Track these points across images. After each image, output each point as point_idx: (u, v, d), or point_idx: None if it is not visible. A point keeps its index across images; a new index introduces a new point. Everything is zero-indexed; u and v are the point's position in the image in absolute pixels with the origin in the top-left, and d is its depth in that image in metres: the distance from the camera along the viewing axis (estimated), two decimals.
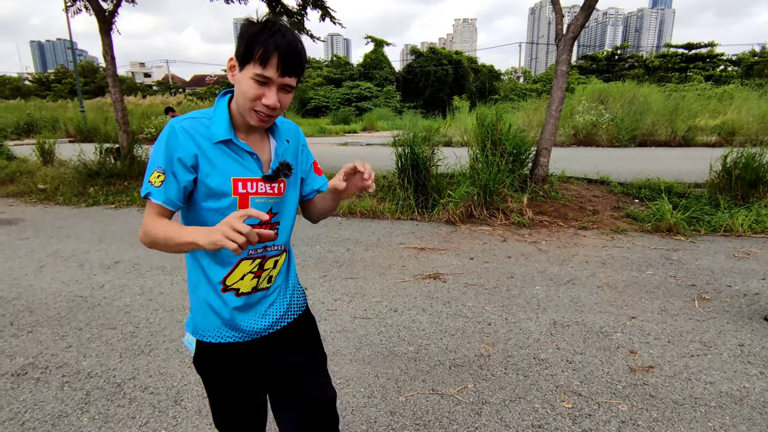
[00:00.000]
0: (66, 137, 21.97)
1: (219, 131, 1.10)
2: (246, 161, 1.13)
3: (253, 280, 1.19)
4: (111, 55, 8.65)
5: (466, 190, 5.55)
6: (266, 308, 1.24)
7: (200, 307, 1.20)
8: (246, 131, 1.16)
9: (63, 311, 3.22)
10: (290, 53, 1.03)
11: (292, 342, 1.30)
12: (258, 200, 1.14)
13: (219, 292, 1.17)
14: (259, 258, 1.18)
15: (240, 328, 1.20)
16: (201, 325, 1.21)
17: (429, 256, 4.30)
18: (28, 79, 60.27)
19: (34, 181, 8.40)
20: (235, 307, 1.18)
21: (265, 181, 1.15)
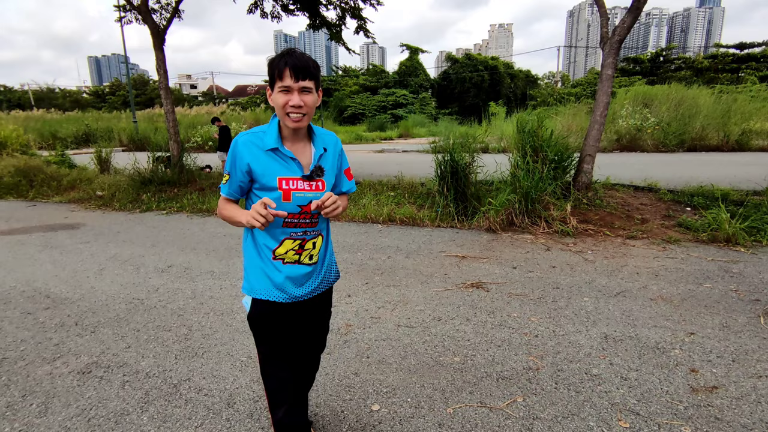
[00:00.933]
0: (119, 146, 23.28)
1: (269, 142, 1.48)
2: (289, 164, 1.50)
3: (295, 255, 1.56)
4: (164, 69, 9.12)
5: (507, 198, 5.46)
6: (305, 281, 1.61)
7: (256, 273, 1.58)
8: (291, 141, 1.53)
9: (122, 313, 3.40)
10: (298, 64, 1.40)
11: (317, 307, 1.72)
12: (298, 194, 1.49)
13: (271, 260, 1.55)
14: (299, 239, 1.55)
15: (285, 291, 1.57)
16: (256, 286, 1.58)
17: (470, 264, 4.25)
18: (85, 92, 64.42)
19: (93, 188, 8.94)
20: (284, 275, 1.55)
21: (305, 180, 1.50)
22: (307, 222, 1.54)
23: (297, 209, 1.50)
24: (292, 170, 1.50)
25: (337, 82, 49.06)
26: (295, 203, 1.50)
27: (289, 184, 1.48)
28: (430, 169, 7.81)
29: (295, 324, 1.67)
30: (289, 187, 1.48)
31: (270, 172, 1.47)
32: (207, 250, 5.01)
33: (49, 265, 4.61)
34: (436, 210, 6.35)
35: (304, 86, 1.42)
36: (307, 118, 1.48)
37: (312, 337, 1.79)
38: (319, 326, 1.81)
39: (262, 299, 1.57)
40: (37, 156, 12.07)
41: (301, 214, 1.52)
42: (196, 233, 5.80)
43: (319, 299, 1.71)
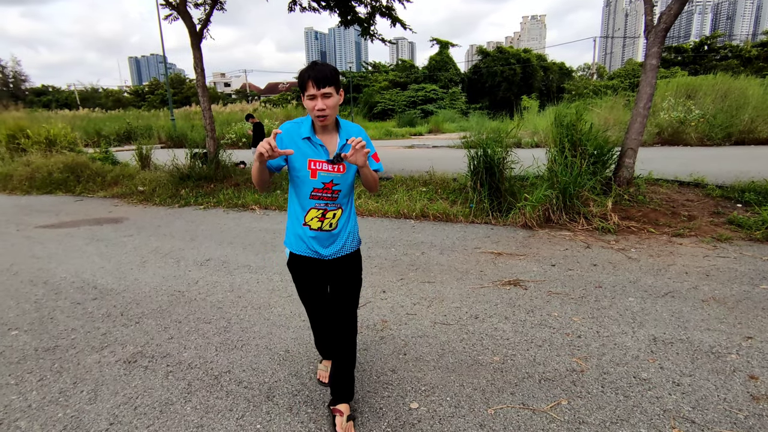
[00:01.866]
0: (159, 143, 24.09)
1: (304, 132, 1.88)
2: (318, 150, 1.89)
3: (318, 222, 1.94)
4: (201, 67, 9.35)
5: (544, 194, 5.30)
6: (328, 243, 1.99)
7: (293, 233, 2.01)
8: (322, 132, 1.92)
9: (164, 305, 3.50)
10: (318, 75, 1.75)
11: (343, 268, 2.06)
12: (322, 174, 1.88)
13: (301, 226, 1.96)
14: (322, 209, 1.93)
15: (313, 250, 1.98)
16: (293, 243, 2.01)
17: (507, 261, 4.16)
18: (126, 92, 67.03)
19: (135, 184, 9.29)
20: (310, 236, 1.96)
21: (329, 163, 1.88)
22: (328, 196, 1.93)
23: (321, 185, 1.90)
24: (320, 155, 1.89)
25: (367, 78, 49.10)
26: (320, 180, 1.89)
27: (316, 165, 1.88)
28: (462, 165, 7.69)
29: (324, 277, 2.06)
30: (315, 168, 1.88)
31: (302, 153, 1.87)
32: (243, 244, 5.11)
33: (95, 257, 4.81)
34: (470, 206, 6.25)
35: (325, 92, 1.77)
36: (330, 117, 1.85)
37: (343, 293, 2.07)
38: (348, 283, 2.08)
39: (294, 253, 2.02)
40: (84, 153, 12.64)
41: (325, 189, 1.91)
42: (232, 228, 5.92)
43: (344, 260, 2.05)
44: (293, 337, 2.91)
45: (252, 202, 7.23)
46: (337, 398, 2.06)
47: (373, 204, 6.64)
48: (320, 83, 1.75)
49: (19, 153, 11.98)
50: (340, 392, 2.06)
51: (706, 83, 17.33)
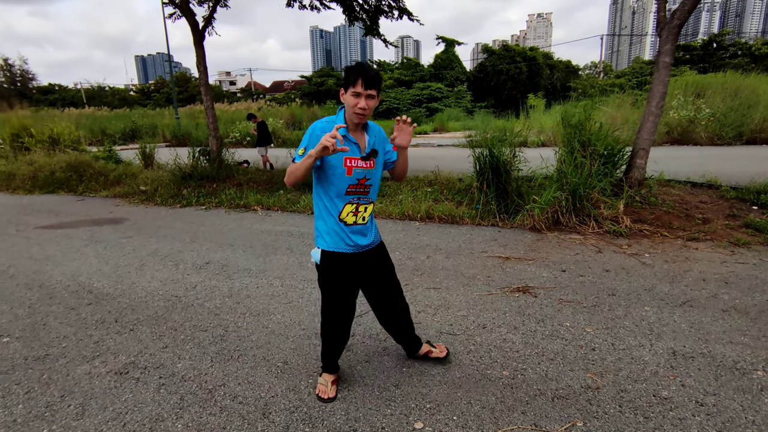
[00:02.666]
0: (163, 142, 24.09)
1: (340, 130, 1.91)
2: (352, 148, 1.98)
3: (353, 217, 2.06)
4: (203, 65, 9.25)
5: (553, 195, 5.14)
6: (363, 235, 2.12)
7: (328, 231, 2.07)
8: (353, 130, 2.02)
9: (160, 311, 3.39)
10: (369, 76, 1.89)
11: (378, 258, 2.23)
12: (357, 170, 2.00)
13: (338, 221, 2.05)
14: (355, 203, 2.06)
15: (351, 243, 2.08)
16: (329, 241, 2.07)
17: (515, 266, 4.01)
18: (132, 90, 67.21)
19: (137, 183, 9.20)
20: (348, 231, 2.07)
21: (362, 159, 2.01)
22: (361, 191, 2.06)
23: (356, 181, 2.02)
24: (354, 152, 2.00)
25: None
26: (355, 177, 2.01)
27: (351, 163, 1.99)
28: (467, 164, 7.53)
29: (358, 274, 2.18)
30: (351, 165, 1.99)
31: (339, 153, 1.90)
32: (244, 246, 4.99)
33: (93, 260, 4.71)
34: (476, 207, 6.11)
35: (370, 93, 1.92)
36: (367, 117, 1.99)
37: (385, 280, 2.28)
38: (386, 270, 2.28)
39: (330, 250, 2.08)
40: (87, 152, 12.60)
41: (359, 185, 2.04)
42: (234, 229, 5.81)
43: (376, 250, 2.22)
44: (292, 347, 2.78)
45: (254, 203, 7.12)
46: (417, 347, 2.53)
47: (377, 205, 6.51)
48: (369, 84, 1.90)
49: (22, 152, 11.95)
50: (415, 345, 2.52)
51: (716, 81, 17.03)
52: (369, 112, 1.94)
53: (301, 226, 5.84)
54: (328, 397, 2.24)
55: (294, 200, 7.08)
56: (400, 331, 2.41)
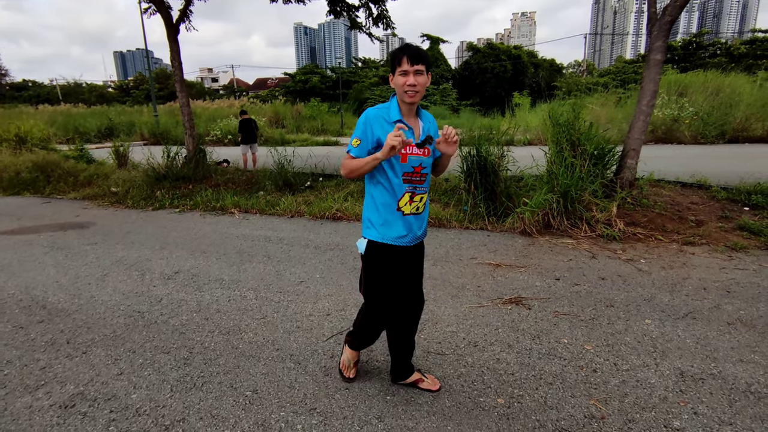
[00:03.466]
0: (141, 140, 23.39)
1: (393, 115, 1.91)
2: (407, 133, 1.88)
3: (410, 206, 1.96)
4: (178, 61, 8.84)
5: (544, 197, 4.94)
6: (419, 225, 2.03)
7: (383, 223, 1.97)
8: (407, 116, 1.93)
9: (119, 329, 3.07)
10: (413, 52, 1.81)
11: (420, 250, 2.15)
12: (413, 157, 1.90)
13: (395, 212, 1.95)
14: (411, 192, 1.94)
15: (406, 235, 1.98)
16: (383, 232, 1.97)
17: (506, 274, 3.78)
18: (111, 87, 65.46)
19: (108, 185, 8.75)
20: (407, 220, 1.97)
21: (417, 146, 1.90)
22: (417, 180, 1.96)
23: (411, 169, 1.93)
24: (409, 137, 1.91)
25: (357, 74, 48.49)
26: (410, 164, 1.92)
27: (407, 150, 1.89)
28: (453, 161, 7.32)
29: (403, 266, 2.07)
30: (407, 152, 1.90)
31: None
32: (218, 253, 4.67)
33: (52, 269, 4.34)
34: (464, 209, 5.88)
35: (417, 69, 1.82)
36: (420, 95, 1.87)
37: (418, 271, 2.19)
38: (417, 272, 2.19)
39: (382, 242, 1.99)
40: (57, 151, 12.03)
41: (414, 173, 1.94)
42: (208, 234, 5.47)
43: (420, 247, 2.16)
44: (263, 372, 2.50)
45: (231, 205, 6.78)
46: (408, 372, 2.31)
47: (360, 207, 6.22)
48: (414, 59, 1.82)
49: None
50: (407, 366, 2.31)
51: (697, 80, 17.18)
52: (420, 88, 1.84)
53: (280, 230, 5.53)
54: (349, 376, 2.36)
55: (273, 202, 6.76)
56: (404, 341, 2.25)
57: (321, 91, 45.70)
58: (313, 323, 3.04)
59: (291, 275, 3.96)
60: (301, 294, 3.55)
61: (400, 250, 2.01)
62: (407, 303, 2.17)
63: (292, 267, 4.17)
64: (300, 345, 2.77)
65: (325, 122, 27.87)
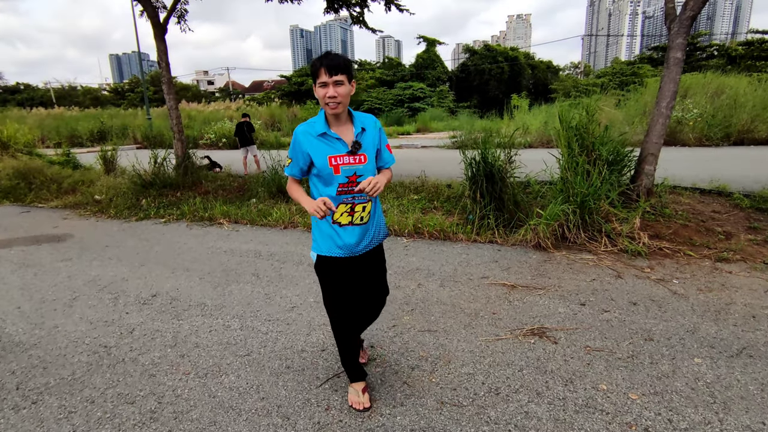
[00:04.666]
0: (134, 144, 22.90)
1: (318, 128, 1.91)
2: (335, 144, 1.91)
3: (348, 217, 1.96)
4: (165, 61, 8.41)
5: (561, 208, 4.53)
6: (361, 238, 2.01)
7: (323, 235, 2.01)
8: (336, 125, 1.94)
9: (80, 370, 2.63)
10: (330, 62, 1.80)
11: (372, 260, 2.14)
12: (345, 167, 1.90)
13: (331, 225, 1.97)
14: (350, 203, 1.95)
15: (342, 245, 1.99)
16: (322, 245, 2.02)
17: (524, 297, 3.37)
18: (105, 90, 64.80)
19: (93, 192, 8.30)
20: (342, 233, 1.98)
21: (349, 155, 1.91)
22: (354, 189, 1.89)
23: (345, 179, 1.89)
24: (338, 149, 1.89)
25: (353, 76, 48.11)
26: (344, 174, 1.88)
27: (337, 160, 1.87)
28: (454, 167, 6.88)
29: (354, 274, 2.07)
30: (337, 163, 1.87)
31: (321, 152, 1.88)
32: (202, 272, 4.24)
33: (16, 292, 3.90)
34: (468, 218, 5.48)
35: (336, 80, 1.80)
36: (342, 105, 1.85)
37: (373, 284, 2.18)
38: (376, 274, 2.18)
39: (325, 255, 1.99)
40: (42, 156, 11.54)
41: (349, 183, 1.89)
42: (193, 248, 5.03)
43: (373, 253, 2.12)
44: (246, 429, 2.07)
45: (220, 215, 6.34)
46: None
47: None
48: (332, 71, 1.79)
49: None
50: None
51: (697, 82, 16.92)
52: (342, 99, 1.83)
53: (272, 243, 5.10)
54: (363, 407, 2.16)
55: (266, 212, 6.33)
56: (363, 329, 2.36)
57: None
58: (305, 362, 2.62)
59: (282, 299, 3.53)
60: (292, 323, 3.12)
61: (347, 261, 2.03)
62: (370, 304, 2.22)
63: (284, 288, 3.74)
64: (289, 392, 2.34)
65: None
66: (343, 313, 2.07)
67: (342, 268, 2.02)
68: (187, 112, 33.68)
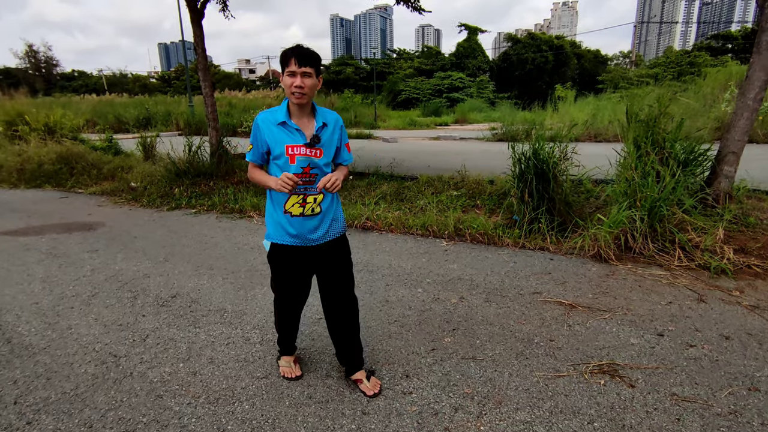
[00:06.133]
0: (176, 130, 23.35)
1: (279, 117, 1.95)
2: (294, 134, 1.95)
3: (300, 208, 1.99)
4: (201, 47, 8.23)
5: (627, 213, 3.96)
6: (313, 228, 2.04)
7: (274, 222, 2.06)
8: (298, 117, 1.98)
9: (84, 384, 2.38)
10: (300, 53, 1.86)
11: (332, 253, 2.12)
12: (300, 158, 1.94)
13: (282, 214, 2.01)
14: (301, 195, 1.98)
15: (294, 234, 2.02)
16: (272, 233, 2.07)
17: (586, 321, 2.88)
18: (153, 77, 67.13)
19: (129, 179, 8.30)
20: (292, 223, 2.00)
21: (307, 147, 1.95)
22: (306, 180, 1.96)
23: (300, 170, 1.95)
24: (296, 139, 1.94)
25: (391, 65, 47.46)
26: (299, 165, 1.94)
27: (294, 150, 1.93)
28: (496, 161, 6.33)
29: (310, 265, 2.14)
30: (293, 153, 1.93)
31: (279, 140, 1.93)
32: (226, 271, 3.97)
33: (38, 285, 3.75)
34: (514, 218, 4.98)
35: (305, 71, 1.86)
36: (307, 97, 1.91)
37: (337, 276, 2.17)
38: (339, 265, 2.16)
39: (277, 243, 2.07)
40: (86, 141, 11.77)
41: (303, 174, 1.95)
42: (220, 243, 4.79)
43: (332, 244, 2.12)
44: None
45: (250, 208, 6.09)
46: (353, 368, 2.25)
47: (393, 214, 5.40)
48: (302, 61, 1.84)
49: (16, 141, 11.17)
50: (353, 363, 2.25)
51: None
52: (308, 91, 1.88)
53: None
54: (294, 375, 2.33)
55: None
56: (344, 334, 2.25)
57: (355, 83, 45.04)
58: (330, 392, 2.26)
59: (307, 308, 3.19)
60: (317, 339, 2.78)
61: (301, 251, 2.06)
62: (335, 302, 2.20)
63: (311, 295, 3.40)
64: (309, 430, 1.99)
65: (358, 114, 27.18)
66: (288, 299, 2.22)
67: (294, 257, 2.07)
68: (228, 99, 34.19)
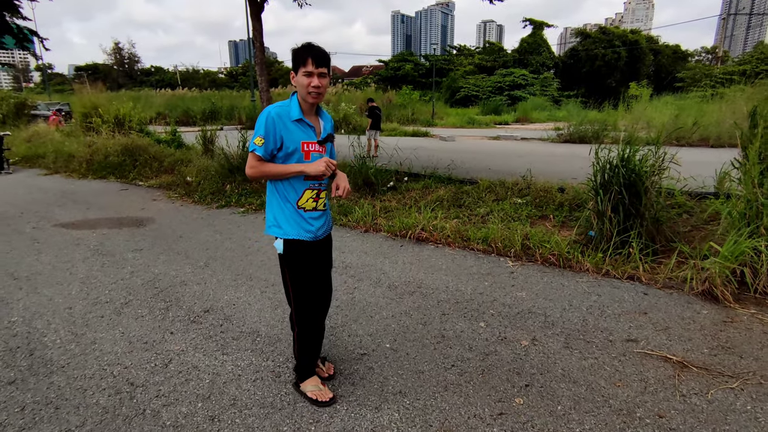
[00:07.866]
0: (239, 124, 24.00)
1: (294, 114, 1.94)
2: (308, 131, 1.98)
3: (313, 203, 2.02)
4: (260, 41, 8.10)
5: (751, 243, 3.16)
6: (322, 221, 2.08)
7: (288, 219, 2.01)
8: (308, 114, 2.00)
9: (91, 420, 2.08)
10: (318, 54, 1.87)
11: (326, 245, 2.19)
12: (315, 154, 1.98)
13: (296, 209, 2.00)
14: (316, 189, 2.02)
15: (310, 231, 2.02)
16: (289, 230, 2.00)
17: (707, 391, 2.20)
18: (222, 73, 70.49)
19: (186, 173, 8.33)
20: (309, 218, 2.02)
21: (318, 144, 2.01)
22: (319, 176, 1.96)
23: None
24: (310, 136, 1.98)
25: (451, 62, 46.33)
26: (313, 161, 1.95)
27: (309, 147, 1.97)
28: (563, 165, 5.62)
29: (318, 258, 2.11)
30: (309, 149, 1.97)
31: (295, 137, 1.94)
32: (266, 282, 3.63)
33: (75, 287, 3.61)
34: (590, 234, 4.28)
35: (321, 71, 1.89)
36: (322, 96, 1.95)
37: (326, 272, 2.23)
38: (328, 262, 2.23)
39: (295, 239, 2.01)
40: (152, 134, 12.16)
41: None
42: (263, 248, 4.49)
43: (328, 238, 2.19)
44: None
45: None
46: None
47: (451, 223, 4.84)
48: (319, 62, 1.87)
49: (90, 133, 11.74)
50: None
51: None
52: (323, 90, 1.91)
53: (348, 251, 4.37)
54: (330, 398, 2.16)
55: (347, 208, 5.65)
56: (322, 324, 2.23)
57: (413, 79, 44.42)
58: None
59: (351, 339, 2.75)
60: (360, 381, 2.32)
61: (313, 246, 2.05)
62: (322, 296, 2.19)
63: (354, 321, 2.96)
64: None
65: (415, 111, 26.66)
66: (315, 300, 2.10)
67: (312, 252, 2.06)
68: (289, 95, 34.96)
